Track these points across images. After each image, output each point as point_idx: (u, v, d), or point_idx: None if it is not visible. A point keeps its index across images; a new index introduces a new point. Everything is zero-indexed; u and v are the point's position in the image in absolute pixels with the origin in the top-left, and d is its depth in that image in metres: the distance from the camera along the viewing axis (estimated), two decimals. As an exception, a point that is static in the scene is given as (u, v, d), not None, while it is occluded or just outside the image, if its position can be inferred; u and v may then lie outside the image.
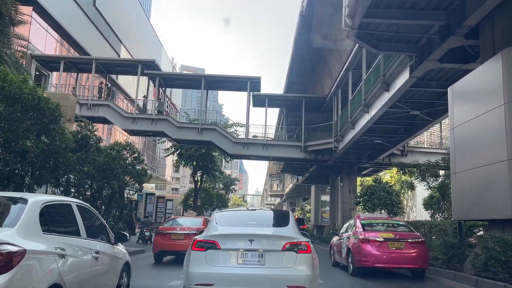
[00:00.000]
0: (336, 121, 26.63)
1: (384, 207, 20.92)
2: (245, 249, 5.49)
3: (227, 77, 29.47)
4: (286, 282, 5.40)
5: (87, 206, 5.80)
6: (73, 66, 30.13)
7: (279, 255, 5.52)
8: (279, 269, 5.47)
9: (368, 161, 28.67)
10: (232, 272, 5.42)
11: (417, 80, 15.14)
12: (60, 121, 10.02)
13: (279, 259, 5.52)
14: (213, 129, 28.42)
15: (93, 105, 28.38)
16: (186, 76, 29.74)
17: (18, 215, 4.13)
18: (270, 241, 5.66)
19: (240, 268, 5.44)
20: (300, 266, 5.52)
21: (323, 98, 29.26)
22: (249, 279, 5.39)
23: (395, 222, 12.73)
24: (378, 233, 10.99)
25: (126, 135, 44.34)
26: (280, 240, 5.64)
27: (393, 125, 22.24)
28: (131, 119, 28.33)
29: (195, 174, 36.81)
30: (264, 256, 5.48)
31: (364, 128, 20.60)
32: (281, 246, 5.54)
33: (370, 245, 10.60)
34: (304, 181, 42.45)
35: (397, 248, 10.55)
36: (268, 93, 29.87)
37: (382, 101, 17.59)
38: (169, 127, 28.27)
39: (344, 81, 24.48)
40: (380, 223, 12.33)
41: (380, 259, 10.45)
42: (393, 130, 23.13)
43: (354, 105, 21.57)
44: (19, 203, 4.35)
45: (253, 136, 29.09)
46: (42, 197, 4.88)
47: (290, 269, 5.49)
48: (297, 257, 5.54)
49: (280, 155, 28.89)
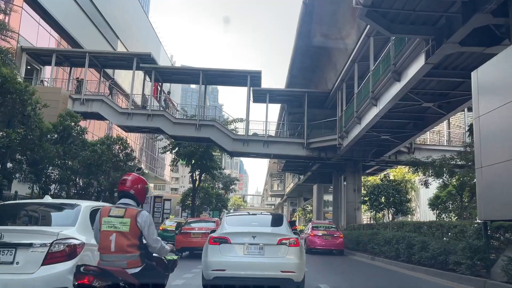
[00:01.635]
0: (340, 116, 25.41)
1: (391, 206, 19.72)
2: (249, 243, 7.02)
3: (226, 71, 28.24)
4: (280, 267, 6.95)
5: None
6: (66, 59, 28.91)
7: (275, 248, 7.02)
8: (275, 258, 7.00)
9: (373, 159, 27.43)
10: (239, 260, 6.90)
11: (431, 69, 13.93)
12: (32, 106, 8.77)
13: (275, 250, 7.03)
14: (212, 125, 27.22)
15: (86, 100, 27.18)
16: (183, 70, 28.52)
17: (76, 217, 5.25)
18: (268, 237, 7.20)
19: (245, 257, 6.95)
20: (291, 256, 7.06)
21: (327, 93, 28.03)
22: (252, 266, 6.88)
23: (329, 226, 21.45)
24: (319, 231, 20.05)
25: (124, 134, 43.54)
26: (275, 237, 7.21)
27: (402, 120, 21.00)
28: (126, 115, 27.13)
29: (193, 173, 35.61)
30: (264, 248, 6.98)
31: (371, 123, 19.37)
32: (276, 241, 7.08)
33: (315, 237, 19.69)
34: (305, 180, 41.18)
35: (327, 238, 19.52)
36: (269, 88, 28.65)
37: (392, 92, 16.37)
38: (166, 123, 27.06)
39: (349, 74, 23.26)
40: (322, 226, 21.28)
41: (319, 244, 19.48)
42: (401, 125, 21.90)
43: (360, 98, 20.34)
44: (74, 208, 5.48)
45: (253, 133, 27.89)
46: (89, 203, 6.02)
47: (283, 258, 7.03)
48: (288, 249, 7.08)
49: (282, 153, 27.66)
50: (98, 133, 35.73)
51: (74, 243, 4.84)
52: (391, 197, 19.29)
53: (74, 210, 5.48)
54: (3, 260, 4.62)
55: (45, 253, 4.66)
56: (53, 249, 4.70)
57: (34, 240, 4.70)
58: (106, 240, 3.82)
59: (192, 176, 35.76)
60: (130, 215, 3.84)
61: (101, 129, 36.94)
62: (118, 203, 4.07)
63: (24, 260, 4.63)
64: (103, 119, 28.48)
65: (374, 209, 20.13)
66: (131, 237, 3.81)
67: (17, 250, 4.66)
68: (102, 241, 3.86)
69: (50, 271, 4.64)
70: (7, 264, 4.61)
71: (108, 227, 3.83)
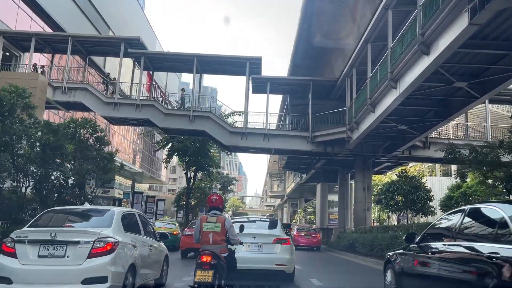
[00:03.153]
0: (350, 106, 22.83)
1: (410, 206, 17.14)
2: (250, 242, 9.02)
3: (223, 57, 25.67)
4: (275, 261, 9.13)
5: (142, 214, 8.43)
6: (47, 44, 26.27)
7: (271, 246, 9.11)
8: (271, 254, 9.14)
9: (385, 154, 24.84)
10: (242, 256, 7.92)
11: (467, 40, 11.40)
12: None
13: (271, 248, 9.13)
14: (207, 117, 24.63)
15: (68, 89, 24.60)
16: (175, 56, 25.89)
17: (111, 220, 6.61)
18: (265, 238, 9.26)
19: (247, 253, 8.80)
20: (283, 252, 9.26)
21: (334, 82, 25.43)
22: (253, 260, 8.82)
23: (310, 228, 28.96)
24: (302, 232, 26.19)
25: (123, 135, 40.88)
26: (271, 237, 9.35)
27: (422, 107, 18.45)
28: (112, 105, 24.53)
29: (188, 171, 33.02)
30: (262, 246, 9.04)
31: (388, 110, 16.80)
32: (272, 240, 9.20)
33: (299, 237, 25.42)
34: (308, 179, 38.56)
35: (308, 238, 25.47)
36: (270, 76, 26.05)
37: (417, 70, 13.79)
38: (156, 114, 24.48)
39: (361, 58, 20.69)
40: (304, 228, 28.46)
41: (302, 242, 25.00)
42: (421, 113, 19.33)
43: (375, 83, 17.77)
44: (109, 212, 6.97)
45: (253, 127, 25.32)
46: (121, 208, 8.48)
47: (277, 254, 9.22)
48: (281, 247, 9.26)
49: (284, 147, 25.06)
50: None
51: (112, 241, 6.03)
52: (410, 195, 16.68)
53: (109, 214, 6.82)
54: (57, 254, 5.86)
55: (90, 249, 5.86)
56: (96, 245, 5.90)
57: (80, 238, 5.95)
58: (206, 237, 6.21)
59: (186, 174, 33.15)
60: (220, 221, 6.26)
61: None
62: (210, 213, 6.38)
63: (73, 254, 5.84)
64: (87, 110, 25.85)
65: (390, 209, 17.57)
66: (221, 234, 6.23)
67: (68, 246, 5.88)
68: (203, 237, 6.24)
69: (93, 263, 5.83)
70: (60, 257, 5.85)
71: (207, 228, 6.23)
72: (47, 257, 5.84)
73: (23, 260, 5.80)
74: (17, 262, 5.80)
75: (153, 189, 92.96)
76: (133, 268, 6.50)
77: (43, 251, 5.86)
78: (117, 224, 6.54)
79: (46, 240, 5.89)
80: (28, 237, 5.95)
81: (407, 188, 16.57)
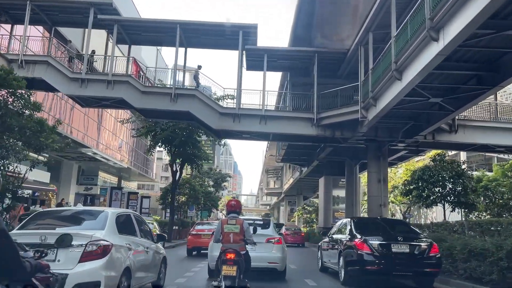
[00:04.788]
0: (364, 80, 18.90)
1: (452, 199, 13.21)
2: None
3: (211, 25, 21.62)
4: (267, 260, 9.98)
5: (138, 215, 8.52)
6: (4, 12, 22.18)
7: (264, 245, 9.67)
8: (264, 252, 9.81)
9: (404, 140, 20.92)
10: None
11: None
12: None
13: (264, 247, 9.69)
14: (192, 95, 20.64)
15: (26, 62, 20.49)
16: (155, 24, 21.79)
17: (104, 222, 6.46)
18: (259, 237, 8.84)
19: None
20: (275, 251, 10.19)
21: (343, 54, 21.45)
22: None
23: (295, 228, 36.24)
24: (289, 231, 32.23)
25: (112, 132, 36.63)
26: (264, 236, 10.08)
27: (464, 72, 14.51)
28: (79, 82, 20.44)
29: (174, 163, 29.00)
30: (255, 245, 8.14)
31: (424, 72, 12.85)
32: (265, 240, 9.94)
33: (287, 235, 29.74)
34: (310, 172, 34.60)
35: (294, 236, 31.75)
36: (267, 47, 22.01)
37: (470, 12, 9.89)
38: (131, 92, 20.46)
39: (379, 18, 16.77)
40: (291, 228, 35.36)
41: (289, 240, 29.48)
42: (461, 80, 15.35)
43: (404, 39, 13.80)
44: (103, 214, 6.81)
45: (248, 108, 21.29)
46: (115, 210, 7.99)
47: (269, 253, 10.14)
48: (273, 246, 10.25)
49: (284, 131, 21.07)
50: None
51: (105, 244, 5.92)
52: (452, 185, 12.75)
53: (102, 215, 6.72)
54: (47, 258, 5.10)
55: (81, 252, 5.70)
56: (88, 249, 5.75)
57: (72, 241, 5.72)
58: (227, 237, 7.06)
59: (172, 166, 29.12)
60: (239, 223, 7.13)
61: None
62: (230, 216, 7.24)
63: (64, 258, 5.66)
64: (51, 89, 21.77)
65: (424, 202, 13.65)
66: (240, 235, 7.08)
67: (58, 250, 5.67)
68: (224, 237, 7.08)
69: (85, 267, 5.67)
70: (50, 261, 5.26)
71: (228, 229, 7.07)
72: None
73: None
74: None
75: (144, 188, 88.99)
76: (128, 272, 6.44)
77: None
78: (111, 226, 6.49)
79: (36, 244, 5.53)
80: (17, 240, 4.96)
81: (447, 175, 12.65)
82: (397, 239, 9.76)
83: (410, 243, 9.71)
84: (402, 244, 9.63)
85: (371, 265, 9.43)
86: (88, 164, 44.98)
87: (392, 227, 11.49)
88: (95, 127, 39.06)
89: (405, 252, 9.54)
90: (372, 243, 9.53)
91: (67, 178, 42.59)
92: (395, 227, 11.55)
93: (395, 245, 9.60)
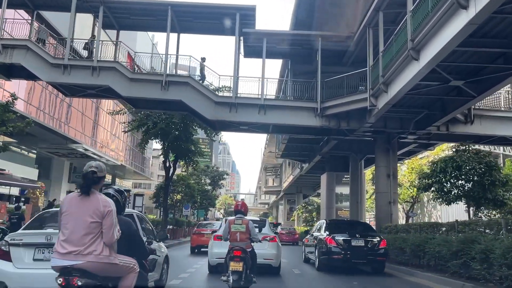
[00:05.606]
0: (373, 65, 17.20)
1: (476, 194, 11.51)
2: None
3: (205, 6, 19.75)
4: (263, 256, 10.33)
5: (141, 214, 8.30)
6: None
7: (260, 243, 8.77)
8: (260, 249, 9.44)
9: (415, 131, 19.24)
10: None
11: None
12: None
13: (260, 244, 9.00)
14: (184, 82, 18.90)
15: (3, 47, 18.70)
16: (145, 6, 20.06)
17: None
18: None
19: None
20: (270, 248, 10.85)
21: (349, 38, 19.66)
22: None
23: (290, 227, 39.75)
24: (285, 231, 35.10)
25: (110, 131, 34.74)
26: (260, 235, 9.49)
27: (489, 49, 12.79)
28: (61, 68, 18.66)
29: (167, 159, 27.25)
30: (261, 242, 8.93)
31: (448, 48, 11.14)
32: (261, 237, 9.04)
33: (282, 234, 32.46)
34: (311, 169, 32.88)
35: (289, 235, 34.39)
36: (266, 30, 20.31)
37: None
38: (119, 79, 18.71)
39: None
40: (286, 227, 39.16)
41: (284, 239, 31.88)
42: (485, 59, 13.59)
43: (423, 14, 12.08)
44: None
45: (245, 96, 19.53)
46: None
47: (265, 250, 10.62)
48: (269, 244, 10.85)
49: (285, 122, 19.35)
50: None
51: None
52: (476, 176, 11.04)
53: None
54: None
55: None
56: None
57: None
58: (234, 235, 7.71)
59: (164, 162, 27.38)
60: (244, 222, 7.81)
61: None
62: (237, 217, 7.94)
63: None
64: (31, 77, 19.99)
65: (445, 197, 11.96)
66: (246, 233, 7.73)
67: None
68: (231, 236, 7.74)
69: None
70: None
71: (235, 229, 7.74)
72: (42, 261, 5.79)
73: (18, 264, 5.83)
74: (12, 266, 5.81)
75: (141, 186, 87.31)
76: None
77: (38, 254, 5.89)
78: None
79: (42, 243, 5.86)
80: (23, 240, 5.90)
81: (477, 167, 10.95)
82: (356, 236, 12.79)
83: (365, 238, 12.73)
84: (359, 240, 12.68)
85: (337, 255, 12.50)
86: (80, 161, 43.27)
87: (355, 227, 14.64)
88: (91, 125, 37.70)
89: (361, 245, 12.58)
90: (338, 238, 12.63)
91: (58, 176, 40.89)
92: (357, 227, 14.60)
93: (354, 240, 12.66)
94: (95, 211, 3.69)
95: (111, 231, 3.69)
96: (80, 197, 3.76)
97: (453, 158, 11.59)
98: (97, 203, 3.72)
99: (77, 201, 3.76)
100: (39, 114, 27.44)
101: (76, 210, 3.72)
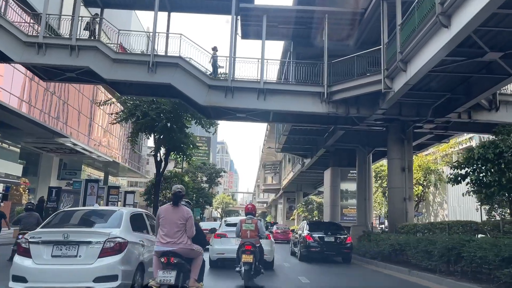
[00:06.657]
0: (389, 42, 15.10)
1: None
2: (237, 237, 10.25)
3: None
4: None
5: (149, 214, 8.79)
6: None
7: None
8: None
9: (433, 119, 17.16)
10: (233, 248, 10.29)
11: None
12: None
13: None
14: (174, 63, 16.75)
15: (-32, 24, 16.55)
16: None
17: (120, 220, 7.00)
18: None
19: (235, 246, 10.01)
20: (264, 245, 10.38)
21: (359, 15, 17.57)
22: None
23: (285, 227, 38.03)
24: (280, 230, 34.73)
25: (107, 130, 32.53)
26: None
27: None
28: (36, 47, 16.50)
29: (158, 153, 25.15)
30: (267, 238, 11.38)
31: (491, 6, 9.06)
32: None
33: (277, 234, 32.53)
34: (313, 164, 30.80)
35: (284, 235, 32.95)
36: (267, 5, 18.11)
37: None
38: (100, 60, 16.57)
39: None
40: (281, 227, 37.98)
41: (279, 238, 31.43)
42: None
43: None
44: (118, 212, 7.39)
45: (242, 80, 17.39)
46: (130, 209, 8.54)
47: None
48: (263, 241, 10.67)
49: (288, 109, 17.26)
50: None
51: (121, 241, 6.48)
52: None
53: (118, 214, 7.28)
54: (69, 254, 6.26)
55: (100, 249, 6.30)
56: (106, 245, 6.34)
57: (92, 239, 6.38)
58: (245, 233, 9.07)
59: (155, 156, 25.26)
60: (254, 222, 9.20)
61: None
62: (247, 217, 9.39)
63: (85, 254, 6.28)
64: (2, 59, 17.75)
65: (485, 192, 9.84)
66: (255, 231, 9.07)
67: (80, 246, 6.30)
68: (243, 233, 9.10)
69: (104, 262, 6.26)
70: (72, 257, 6.25)
71: (246, 227, 9.10)
72: (60, 257, 6.25)
73: (37, 260, 6.23)
74: (32, 262, 6.23)
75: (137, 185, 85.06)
76: (141, 267, 6.92)
77: (56, 251, 6.28)
78: (126, 224, 6.96)
79: (59, 241, 6.29)
80: (42, 238, 6.33)
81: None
82: (328, 233, 16.15)
83: (335, 235, 16.11)
84: (330, 236, 16.06)
85: (314, 248, 15.87)
86: (71, 157, 41.21)
87: (328, 227, 17.66)
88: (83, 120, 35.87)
89: (332, 241, 15.96)
90: (314, 235, 16.02)
91: (46, 172, 38.75)
92: (330, 227, 17.59)
93: (327, 237, 16.07)
94: (182, 216, 6.09)
95: (191, 229, 6.17)
96: (172, 207, 6.16)
97: (495, 143, 9.51)
98: (183, 211, 6.16)
99: (171, 209, 6.15)
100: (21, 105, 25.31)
101: (170, 216, 6.08)
